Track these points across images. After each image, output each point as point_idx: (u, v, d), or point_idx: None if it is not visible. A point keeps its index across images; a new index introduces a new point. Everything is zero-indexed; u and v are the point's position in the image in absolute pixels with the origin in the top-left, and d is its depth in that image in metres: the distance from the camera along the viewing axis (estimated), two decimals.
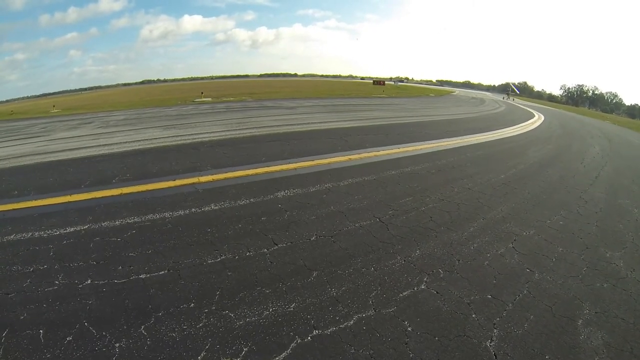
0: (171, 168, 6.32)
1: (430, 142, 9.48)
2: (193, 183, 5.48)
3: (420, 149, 8.54)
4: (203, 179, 5.68)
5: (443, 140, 9.92)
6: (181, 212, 4.39)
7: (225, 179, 5.72)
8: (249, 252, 3.48)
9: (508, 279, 3.26)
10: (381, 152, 7.82)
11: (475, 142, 10.24)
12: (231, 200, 4.79)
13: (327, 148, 8.10)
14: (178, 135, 9.59)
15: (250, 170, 6.16)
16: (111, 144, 8.69)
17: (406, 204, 4.90)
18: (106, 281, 2.98)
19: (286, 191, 5.21)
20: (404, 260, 3.44)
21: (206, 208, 4.52)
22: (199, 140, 8.87)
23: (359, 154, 7.64)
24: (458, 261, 3.50)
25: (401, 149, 8.26)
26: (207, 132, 10.00)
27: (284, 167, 6.45)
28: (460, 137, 10.64)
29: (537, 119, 21.42)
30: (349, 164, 6.88)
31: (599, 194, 6.43)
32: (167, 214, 4.31)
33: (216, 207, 4.54)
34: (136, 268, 3.17)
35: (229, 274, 3.10)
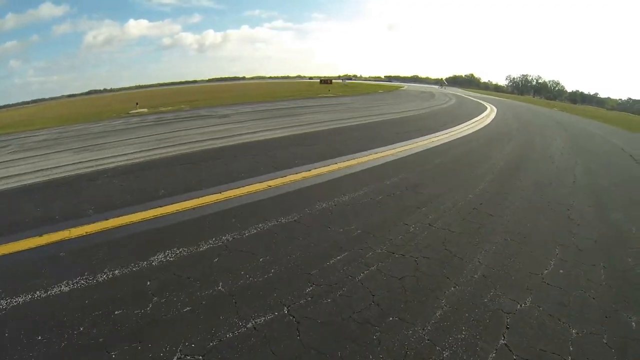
0: (45, 215, 4.53)
1: (377, 150, 8.06)
2: (61, 240, 3.81)
3: (365, 161, 7.05)
4: (76, 231, 3.99)
5: (393, 146, 8.56)
6: (21, 299, 2.79)
7: (101, 230, 4.03)
8: None
9: None
10: (312, 172, 6.20)
11: (431, 145, 9.03)
12: (91, 274, 3.16)
13: (245, 170, 6.37)
14: (84, 162, 7.59)
15: (139, 213, 4.46)
16: (4, 177, 6.71)
17: (334, 268, 3.28)
18: None
19: (167, 252, 3.52)
20: None
21: (55, 290, 2.95)
22: (103, 167, 6.93)
23: (283, 176, 5.97)
24: None
25: (339, 165, 6.71)
26: (118, 155, 8.05)
27: (183, 205, 4.71)
28: (414, 141, 9.39)
29: (490, 112, 21.31)
30: (265, 194, 5.18)
31: (587, 207, 5.36)
32: (2, 302, 2.66)
33: (67, 289, 2.97)
34: None
35: None
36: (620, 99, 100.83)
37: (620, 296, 3.17)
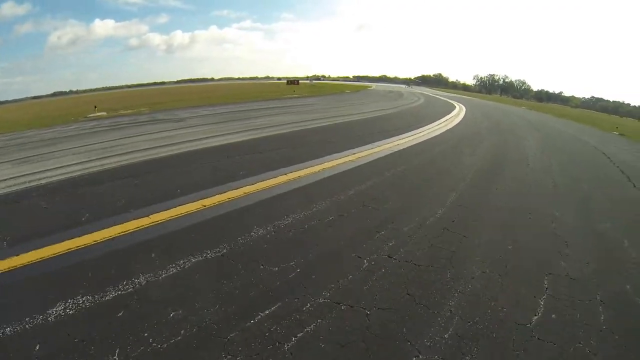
0: None
1: (335, 156, 7.26)
2: None
3: (319, 171, 6.23)
4: None
5: (353, 151, 7.79)
6: None
7: (7, 270, 3.18)
8: None
9: None
10: (255, 186, 5.30)
11: (396, 149, 8.34)
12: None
13: (183, 185, 5.41)
14: (17, 177, 6.39)
15: (54, 246, 3.54)
16: None
17: (259, 330, 2.41)
18: None
19: (68, 302, 2.71)
20: None
21: None
22: (34, 184, 5.77)
23: (225, 191, 5.07)
24: None
25: (289, 176, 5.84)
26: (56, 168, 6.91)
27: (103, 234, 3.78)
28: (377, 144, 8.67)
29: (459, 111, 21.22)
30: (197, 217, 4.27)
31: (572, 220, 4.85)
32: None
33: None
34: None
35: None
36: (584, 97, 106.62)
37: (625, 345, 2.55)
